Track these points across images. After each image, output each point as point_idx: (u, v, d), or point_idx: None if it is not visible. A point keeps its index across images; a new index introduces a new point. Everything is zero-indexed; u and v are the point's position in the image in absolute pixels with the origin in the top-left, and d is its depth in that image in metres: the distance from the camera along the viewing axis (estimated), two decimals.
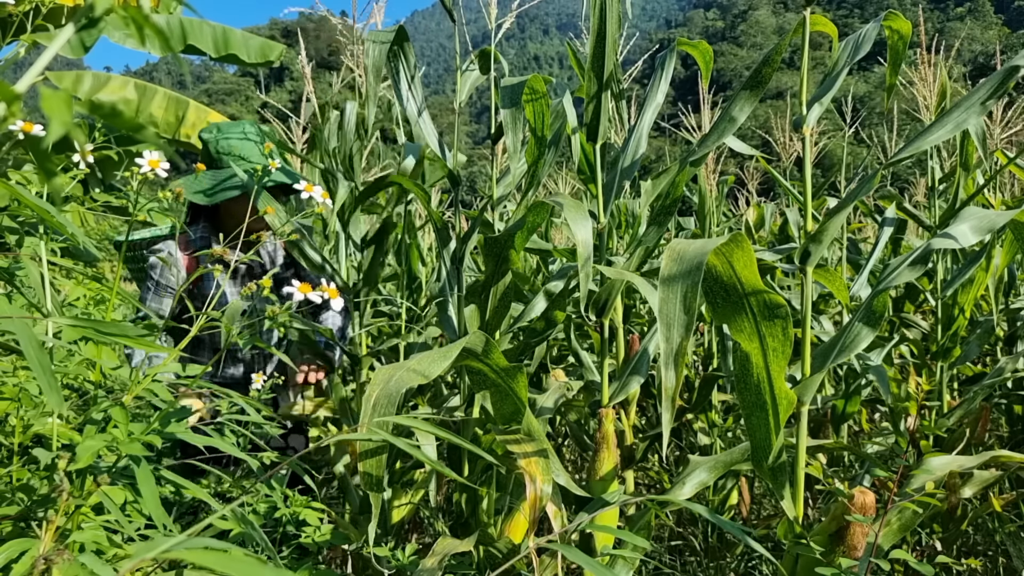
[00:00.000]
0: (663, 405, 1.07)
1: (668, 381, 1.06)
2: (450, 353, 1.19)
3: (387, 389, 1.09)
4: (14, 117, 0.41)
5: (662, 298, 1.08)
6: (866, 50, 1.48)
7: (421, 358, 1.19)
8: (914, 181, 6.19)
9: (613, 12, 1.62)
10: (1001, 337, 3.00)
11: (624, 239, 3.52)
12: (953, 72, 2.91)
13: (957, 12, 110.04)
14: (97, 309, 2.33)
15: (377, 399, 1.08)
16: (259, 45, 5.54)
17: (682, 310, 1.07)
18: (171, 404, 0.85)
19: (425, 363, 1.16)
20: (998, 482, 1.87)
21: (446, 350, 1.21)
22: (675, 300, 1.08)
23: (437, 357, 1.19)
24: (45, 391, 0.66)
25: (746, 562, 2.48)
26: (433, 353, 1.21)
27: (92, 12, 0.46)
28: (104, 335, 0.80)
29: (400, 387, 1.09)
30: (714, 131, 1.49)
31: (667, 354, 1.07)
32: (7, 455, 0.82)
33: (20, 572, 0.64)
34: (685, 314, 1.07)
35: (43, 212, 0.84)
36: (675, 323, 1.07)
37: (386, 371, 1.13)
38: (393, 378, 1.11)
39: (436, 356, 1.19)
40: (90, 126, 2.03)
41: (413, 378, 1.12)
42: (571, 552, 0.89)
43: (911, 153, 1.37)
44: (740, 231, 1.20)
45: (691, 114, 3.49)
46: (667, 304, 1.08)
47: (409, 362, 1.17)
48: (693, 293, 1.06)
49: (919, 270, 1.37)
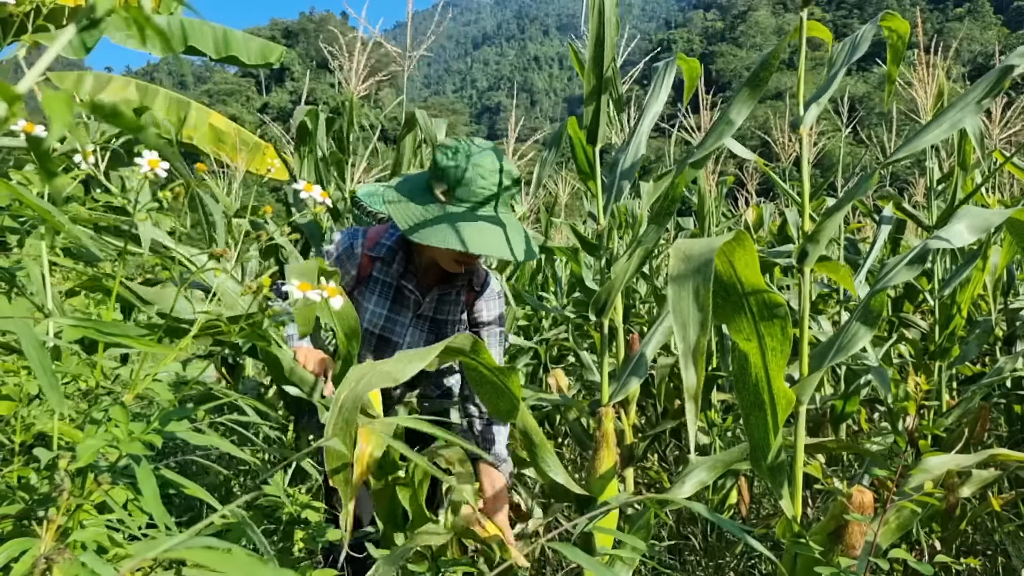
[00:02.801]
0: (686, 404, 1.06)
1: (689, 380, 1.04)
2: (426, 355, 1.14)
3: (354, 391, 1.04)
4: (15, 117, 0.41)
5: (674, 297, 1.08)
6: (863, 50, 1.49)
7: (397, 359, 1.14)
8: (913, 181, 6.19)
9: (611, 17, 1.63)
10: (1000, 337, 3.00)
11: (624, 239, 3.52)
12: (952, 72, 2.91)
13: (956, 12, 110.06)
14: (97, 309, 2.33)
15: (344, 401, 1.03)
16: (259, 46, 5.54)
17: (695, 307, 1.07)
18: (171, 403, 0.85)
19: (400, 364, 1.11)
20: (997, 481, 1.88)
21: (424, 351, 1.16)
22: (688, 298, 1.07)
23: (413, 357, 1.14)
24: (46, 391, 0.67)
25: (745, 561, 2.48)
26: (410, 353, 1.16)
27: (93, 13, 0.46)
28: (104, 335, 0.81)
29: (368, 389, 1.05)
30: (713, 132, 1.50)
31: (685, 353, 1.05)
32: (9, 454, 0.82)
33: (20, 571, 0.64)
34: (699, 311, 1.06)
35: (44, 212, 0.84)
36: (690, 320, 1.07)
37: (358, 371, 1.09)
38: (363, 380, 1.06)
39: (413, 356, 1.14)
40: None
41: (383, 379, 1.07)
42: (571, 552, 0.90)
43: (908, 153, 1.38)
44: (742, 230, 1.21)
45: (691, 115, 3.50)
46: (680, 302, 1.07)
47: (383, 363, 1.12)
48: (706, 289, 1.06)
49: (917, 269, 1.37)
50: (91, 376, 0.90)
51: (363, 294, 1.77)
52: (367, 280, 1.76)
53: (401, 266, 1.75)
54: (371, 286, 1.76)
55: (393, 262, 1.74)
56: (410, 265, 1.75)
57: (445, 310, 1.80)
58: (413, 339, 1.78)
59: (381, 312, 1.76)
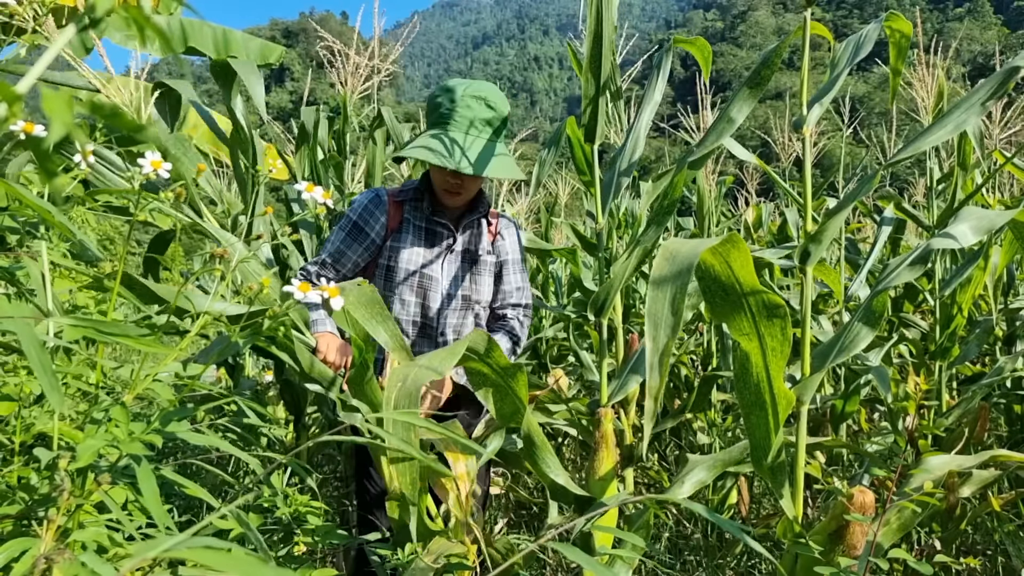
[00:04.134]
0: (646, 404, 1.09)
1: (652, 380, 1.08)
2: (456, 351, 1.22)
3: (406, 388, 1.12)
4: (15, 117, 0.41)
5: (651, 298, 1.10)
6: (867, 50, 1.48)
7: (431, 356, 1.22)
8: (913, 181, 6.19)
9: (610, 15, 1.63)
10: (1000, 337, 3.00)
11: (623, 239, 3.52)
12: (952, 72, 2.91)
13: (956, 13, 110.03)
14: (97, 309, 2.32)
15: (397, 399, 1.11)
16: (259, 47, 5.53)
17: (670, 311, 1.09)
18: (172, 403, 0.85)
19: (436, 360, 1.20)
20: (997, 481, 1.88)
21: (452, 348, 1.24)
22: (664, 301, 1.09)
23: (445, 355, 1.21)
24: (46, 391, 0.67)
25: (745, 561, 2.48)
26: (441, 352, 1.24)
27: (93, 13, 0.46)
28: (104, 335, 0.80)
29: (417, 384, 1.13)
30: (712, 132, 1.50)
31: (652, 353, 1.08)
32: (9, 454, 0.82)
33: (20, 571, 0.64)
34: (672, 315, 1.08)
35: (44, 212, 0.84)
36: (662, 323, 1.09)
37: (401, 370, 1.17)
38: (409, 376, 1.14)
39: (444, 354, 1.22)
40: (91, 126, 2.04)
41: (426, 374, 1.15)
42: (571, 552, 0.90)
43: (911, 154, 1.38)
44: (736, 231, 1.21)
45: (690, 115, 3.50)
46: (655, 304, 1.10)
47: (421, 360, 1.21)
48: (681, 295, 1.08)
49: (918, 270, 1.37)
50: (91, 376, 0.90)
51: (396, 238, 1.87)
52: (400, 224, 1.87)
53: (430, 205, 1.87)
54: (405, 227, 1.87)
55: (423, 200, 1.86)
56: (436, 203, 1.87)
57: (474, 243, 1.93)
58: (450, 271, 1.90)
59: (418, 250, 1.87)
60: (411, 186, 1.90)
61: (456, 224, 1.90)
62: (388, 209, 1.86)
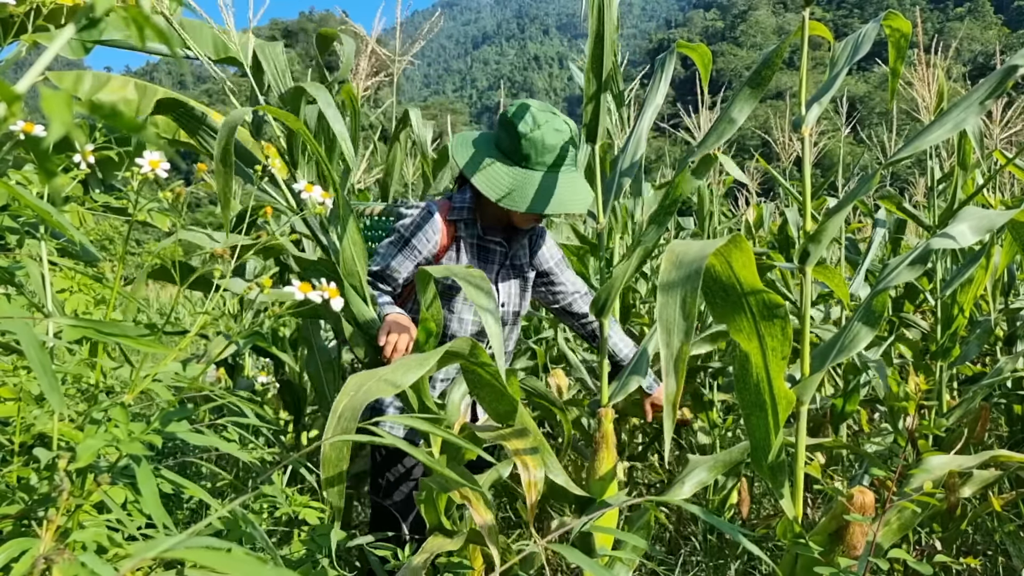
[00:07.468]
0: (664, 411, 1.07)
1: (669, 387, 1.06)
2: (427, 360, 1.14)
3: (353, 401, 1.02)
4: (14, 117, 0.41)
5: (661, 303, 1.09)
6: (866, 50, 1.48)
7: (396, 366, 1.13)
8: (913, 181, 6.19)
9: (611, 15, 1.63)
10: (1000, 337, 3.00)
11: (624, 239, 3.52)
12: (952, 72, 2.91)
13: (956, 12, 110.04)
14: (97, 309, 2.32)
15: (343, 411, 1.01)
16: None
17: (681, 315, 1.07)
18: (171, 403, 0.85)
19: (399, 372, 1.10)
20: (997, 482, 1.87)
21: (424, 356, 1.16)
22: (674, 305, 1.08)
23: (413, 364, 1.13)
24: (46, 391, 0.67)
25: (746, 561, 2.48)
26: (409, 360, 1.15)
27: (93, 12, 0.46)
28: (104, 335, 0.80)
29: (368, 398, 1.03)
30: (713, 132, 1.49)
31: (667, 359, 1.06)
32: (8, 454, 0.82)
33: (20, 571, 0.64)
34: (684, 320, 1.07)
35: (43, 212, 0.84)
36: (675, 328, 1.08)
37: (357, 379, 1.07)
38: (363, 388, 1.05)
39: (411, 363, 1.13)
40: (91, 126, 2.04)
41: (384, 388, 1.06)
42: (570, 553, 0.90)
43: (911, 153, 1.38)
44: (739, 232, 1.21)
45: (691, 115, 3.50)
46: (666, 309, 1.08)
47: (382, 370, 1.11)
48: (692, 298, 1.06)
49: (918, 270, 1.37)
50: (91, 376, 0.90)
51: (450, 258, 1.89)
52: (454, 242, 1.88)
53: (482, 223, 1.89)
54: (460, 247, 1.88)
55: (476, 221, 1.88)
56: (487, 221, 1.90)
57: (520, 255, 1.97)
58: (504, 285, 1.94)
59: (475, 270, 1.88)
60: (462, 204, 1.87)
61: (508, 239, 1.92)
62: (440, 227, 1.84)
